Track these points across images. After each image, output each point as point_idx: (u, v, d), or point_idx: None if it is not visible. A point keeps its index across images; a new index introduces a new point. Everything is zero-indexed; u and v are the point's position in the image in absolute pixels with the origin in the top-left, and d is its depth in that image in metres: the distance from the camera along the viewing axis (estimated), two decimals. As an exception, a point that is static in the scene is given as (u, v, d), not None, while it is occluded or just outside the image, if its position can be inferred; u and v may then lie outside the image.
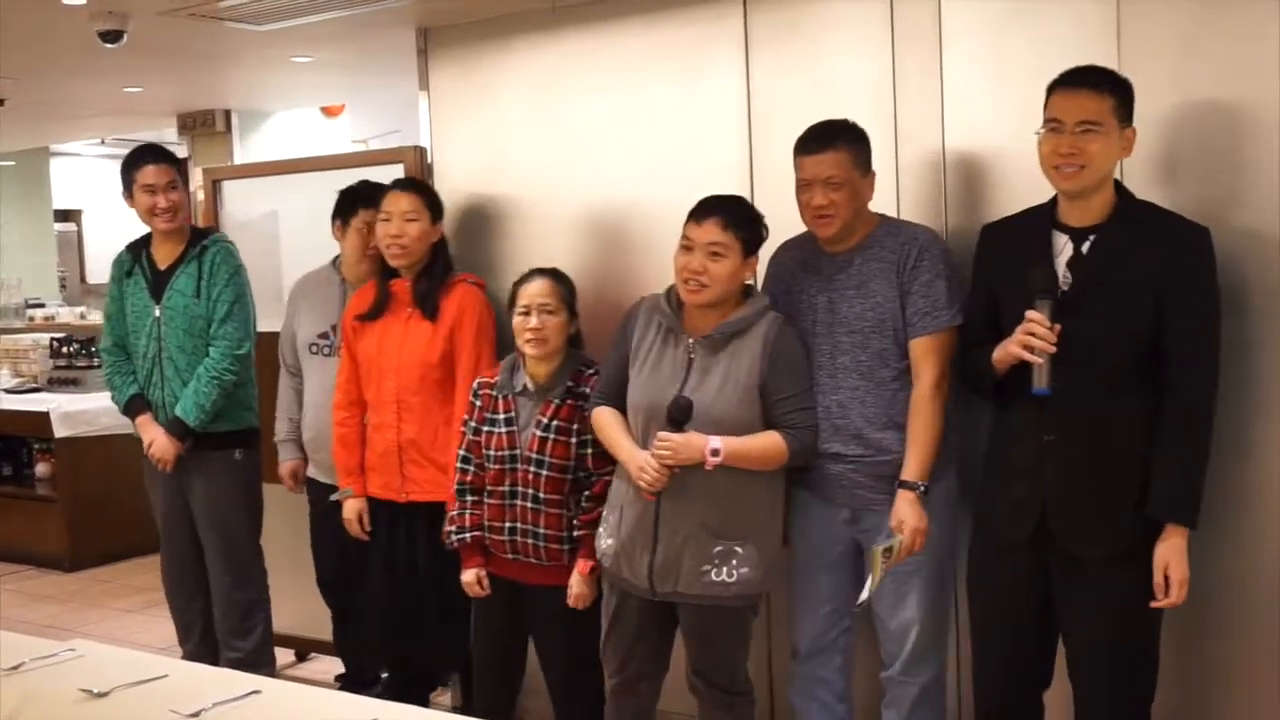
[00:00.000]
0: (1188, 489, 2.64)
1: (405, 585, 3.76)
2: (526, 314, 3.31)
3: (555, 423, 3.29)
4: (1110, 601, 2.69)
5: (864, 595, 2.87)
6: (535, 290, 3.33)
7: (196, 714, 2.12)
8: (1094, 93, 2.64)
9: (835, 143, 2.98)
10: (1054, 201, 2.78)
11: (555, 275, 3.40)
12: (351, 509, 3.83)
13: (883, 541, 2.88)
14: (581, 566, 3.28)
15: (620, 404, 3.15)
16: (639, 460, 2.99)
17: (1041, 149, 2.70)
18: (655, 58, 3.74)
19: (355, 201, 4.02)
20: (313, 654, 4.85)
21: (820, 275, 3.08)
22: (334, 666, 4.50)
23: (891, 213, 3.27)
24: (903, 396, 2.99)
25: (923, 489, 2.92)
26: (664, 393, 3.01)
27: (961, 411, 3.05)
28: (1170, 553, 2.62)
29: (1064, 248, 2.72)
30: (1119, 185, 2.75)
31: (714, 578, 2.99)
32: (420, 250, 3.70)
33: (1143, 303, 2.64)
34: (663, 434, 2.95)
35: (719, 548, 2.99)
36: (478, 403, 3.44)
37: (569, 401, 3.30)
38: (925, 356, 2.96)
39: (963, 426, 3.07)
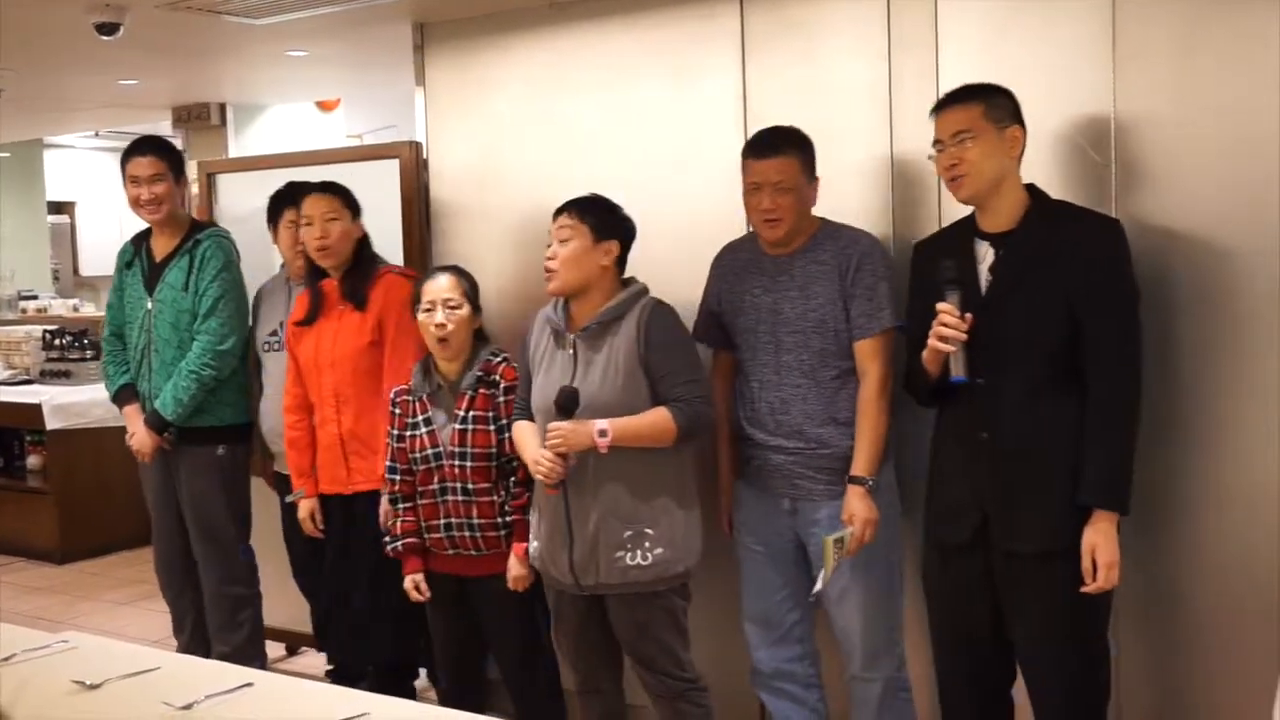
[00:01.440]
0: (1113, 474, 2.67)
1: (360, 577, 3.81)
2: (431, 310, 3.37)
3: (472, 413, 3.36)
4: (1052, 597, 2.72)
5: (818, 585, 2.98)
6: (439, 286, 3.41)
7: (188, 706, 2.13)
8: (959, 105, 2.77)
9: (784, 149, 3.09)
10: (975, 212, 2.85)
11: (458, 271, 3.49)
12: (304, 509, 3.91)
13: (834, 531, 2.96)
14: (517, 549, 3.35)
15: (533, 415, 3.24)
16: (535, 455, 3.08)
17: (937, 170, 2.81)
18: (652, 56, 3.75)
19: (280, 202, 4.12)
20: (302, 648, 4.86)
21: (764, 276, 3.17)
22: (323, 660, 4.50)
23: (887, 213, 3.30)
24: (843, 395, 3.08)
25: (871, 483, 3.01)
26: (555, 389, 3.09)
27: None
28: (1098, 536, 2.65)
29: (985, 254, 2.79)
30: (1033, 188, 2.80)
31: (629, 562, 3.07)
32: (344, 248, 3.79)
33: (1061, 299, 2.69)
34: (552, 424, 3.04)
35: (629, 532, 3.06)
36: (397, 410, 3.51)
37: (482, 391, 3.38)
38: (870, 356, 3.05)
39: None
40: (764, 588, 3.25)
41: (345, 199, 3.83)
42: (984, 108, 2.74)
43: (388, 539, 3.53)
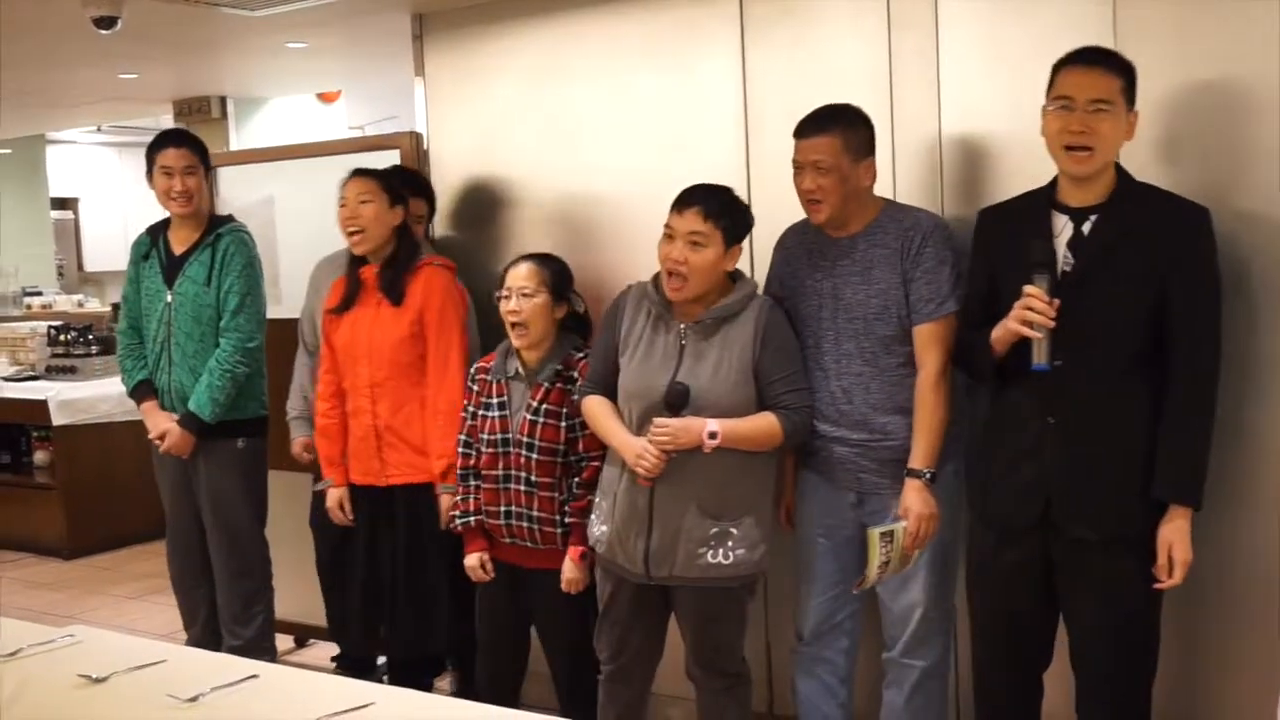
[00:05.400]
0: (1192, 470, 2.63)
1: (390, 570, 3.79)
2: (506, 298, 3.35)
3: (545, 406, 3.31)
4: (1115, 585, 2.69)
5: (870, 581, 2.91)
6: (515, 274, 3.37)
7: (194, 699, 2.13)
8: (1106, 72, 2.63)
9: (828, 127, 2.98)
10: (1053, 183, 2.76)
11: (540, 259, 3.42)
12: (333, 498, 3.87)
13: (884, 525, 2.89)
14: (573, 553, 3.29)
15: (610, 392, 3.14)
16: (636, 447, 2.99)
17: (1049, 127, 2.67)
18: (651, 44, 3.74)
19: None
20: (311, 640, 4.87)
21: (825, 260, 3.08)
22: (332, 652, 4.51)
23: (889, 196, 3.28)
24: (909, 383, 2.99)
25: (929, 476, 2.93)
26: (657, 379, 3.01)
27: (964, 396, 3.05)
28: (1174, 534, 2.62)
29: (1064, 228, 2.70)
30: (1118, 167, 2.73)
31: (710, 560, 3.00)
32: (378, 233, 3.72)
33: (1144, 283, 2.62)
34: (660, 419, 2.95)
35: (715, 530, 2.99)
36: (474, 387, 3.47)
37: (558, 385, 3.33)
38: (929, 343, 2.96)
39: (969, 411, 3.06)
40: (824, 579, 3.17)
41: (384, 183, 3.75)
42: (1124, 83, 2.62)
43: (455, 513, 3.48)
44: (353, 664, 4.20)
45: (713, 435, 2.92)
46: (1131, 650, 2.74)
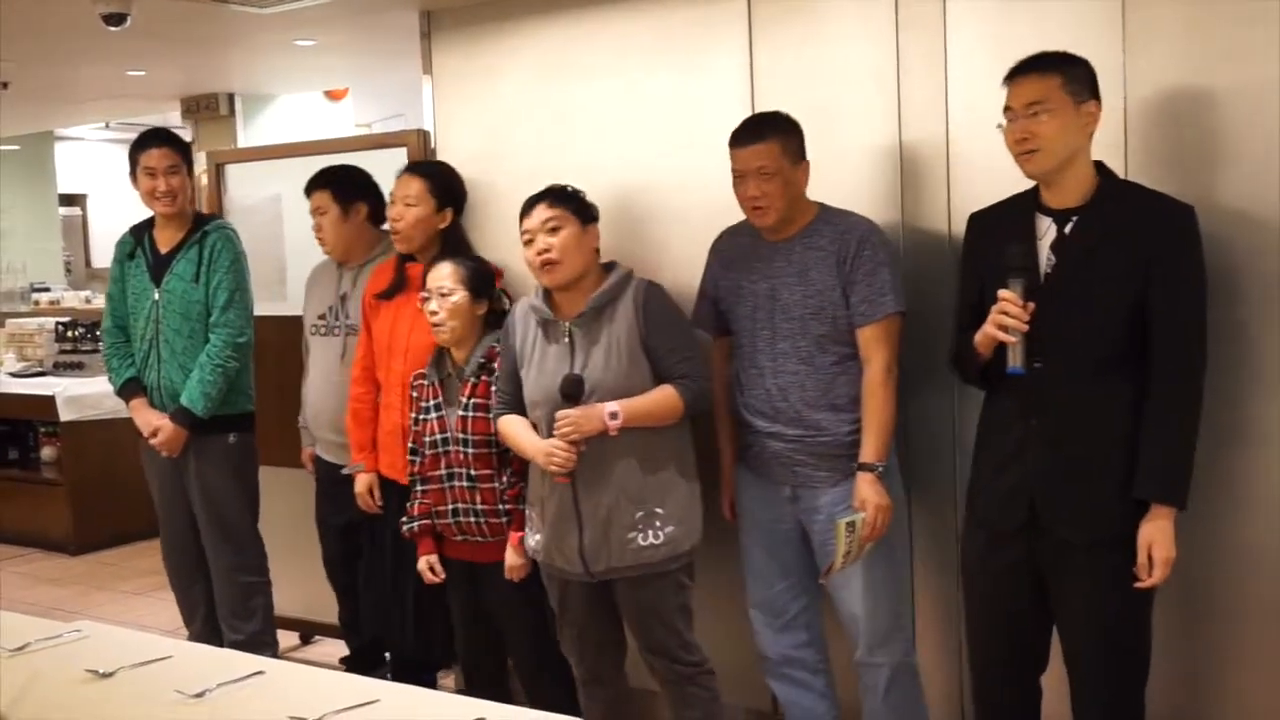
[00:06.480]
0: (1173, 469, 2.63)
1: (408, 565, 3.79)
2: (427, 299, 3.40)
3: (474, 400, 3.38)
4: (1100, 585, 2.69)
5: (835, 569, 2.96)
6: (434, 275, 3.43)
7: (200, 694, 2.14)
8: (1036, 74, 2.66)
9: (765, 134, 3.07)
10: (1038, 186, 2.78)
11: (457, 258, 3.49)
12: (362, 483, 3.88)
13: (847, 515, 2.95)
14: (513, 538, 3.36)
15: (521, 409, 3.23)
16: (545, 447, 3.08)
17: (1005, 140, 2.72)
18: (659, 41, 3.73)
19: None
20: (316, 636, 4.87)
21: (760, 262, 3.16)
22: (338, 649, 4.52)
23: (895, 198, 3.29)
24: (842, 380, 3.08)
25: (880, 469, 3.00)
26: (554, 381, 3.09)
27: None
28: (1155, 532, 2.62)
29: (1047, 230, 2.72)
30: (1101, 166, 2.74)
31: (641, 543, 3.07)
32: (418, 236, 3.72)
33: (1126, 282, 2.63)
34: (561, 412, 3.03)
35: (640, 513, 3.07)
36: (414, 394, 3.53)
37: (483, 378, 3.39)
38: (873, 343, 3.04)
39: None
40: (767, 575, 3.25)
41: (435, 185, 3.74)
42: (1062, 79, 2.63)
43: (404, 520, 3.53)
44: (362, 663, 4.21)
45: (613, 416, 3.01)
46: (1121, 650, 2.74)
